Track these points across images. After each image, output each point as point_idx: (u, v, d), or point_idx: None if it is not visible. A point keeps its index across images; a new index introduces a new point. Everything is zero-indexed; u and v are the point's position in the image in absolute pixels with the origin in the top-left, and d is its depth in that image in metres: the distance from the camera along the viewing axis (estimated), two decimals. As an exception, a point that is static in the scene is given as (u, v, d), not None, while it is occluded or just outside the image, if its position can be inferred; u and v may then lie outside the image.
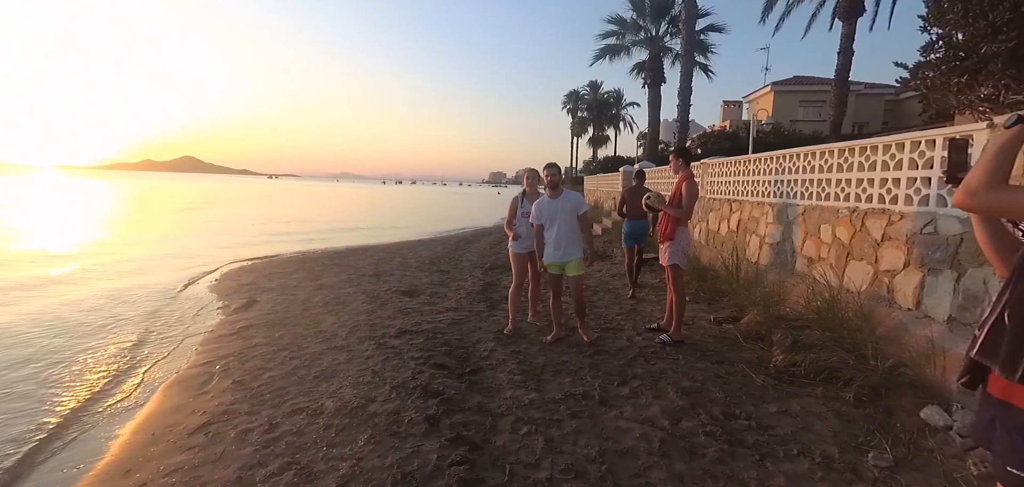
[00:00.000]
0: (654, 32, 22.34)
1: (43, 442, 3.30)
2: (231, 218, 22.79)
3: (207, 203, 33.02)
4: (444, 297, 6.76)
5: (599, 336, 4.87)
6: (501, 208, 4.97)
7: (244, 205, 32.77)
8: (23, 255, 10.85)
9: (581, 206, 4.50)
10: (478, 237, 15.51)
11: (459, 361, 4.18)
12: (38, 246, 12.36)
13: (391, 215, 28.32)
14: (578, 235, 4.48)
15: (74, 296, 7.29)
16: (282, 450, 2.79)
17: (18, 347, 5.08)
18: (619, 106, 44.69)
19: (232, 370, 4.22)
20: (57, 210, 23.54)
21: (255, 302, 6.78)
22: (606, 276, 8.20)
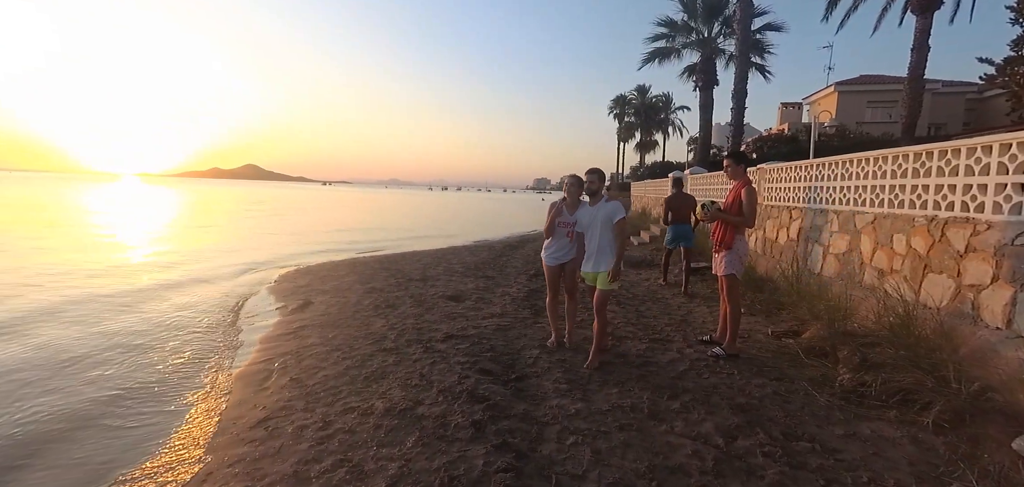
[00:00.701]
0: (706, 33, 21.65)
1: (120, 431, 3.58)
2: (288, 223, 24.04)
3: (267, 209, 35.00)
4: (489, 303, 6.81)
5: (647, 346, 4.74)
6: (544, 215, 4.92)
7: (300, 211, 34.49)
8: (106, 257, 11.92)
9: (616, 214, 4.21)
10: (522, 243, 15.54)
11: (504, 367, 4.19)
12: (121, 249, 13.54)
13: (437, 221, 28.92)
14: (611, 247, 4.16)
15: (149, 294, 7.92)
16: (335, 447, 2.89)
17: (98, 341, 5.57)
18: (668, 110, 43.58)
19: (289, 368, 4.43)
20: (138, 216, 25.69)
21: (310, 303, 7.09)
22: (655, 285, 7.98)
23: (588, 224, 4.25)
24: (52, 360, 4.89)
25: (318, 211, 34.49)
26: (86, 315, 6.55)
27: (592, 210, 4.25)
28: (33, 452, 3.27)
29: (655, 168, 30.32)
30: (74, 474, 3.03)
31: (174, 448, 3.28)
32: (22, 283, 8.25)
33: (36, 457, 3.22)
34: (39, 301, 7.14)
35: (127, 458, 3.20)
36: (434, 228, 23.46)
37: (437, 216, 33.49)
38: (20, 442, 3.38)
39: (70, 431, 3.54)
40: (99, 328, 6.03)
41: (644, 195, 22.02)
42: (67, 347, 5.28)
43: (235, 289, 8.53)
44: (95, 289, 8.08)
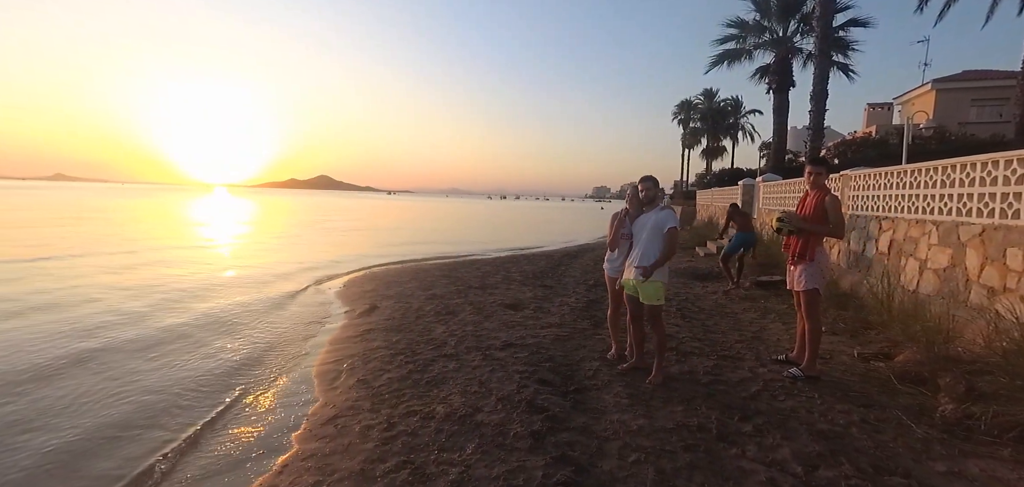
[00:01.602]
0: (781, 32, 20.40)
1: (206, 424, 3.89)
2: (357, 230, 25.34)
3: (339, 217, 37.12)
4: (547, 312, 6.77)
5: (715, 364, 4.49)
6: (604, 224, 4.86)
7: (367, 219, 36.26)
8: (199, 259, 13.17)
9: (666, 222, 3.92)
10: (580, 253, 15.35)
11: (563, 378, 4.13)
12: (208, 252, 14.91)
13: (495, 229, 29.29)
14: (656, 254, 3.87)
15: (234, 294, 8.64)
16: (399, 449, 2.99)
17: (186, 338, 6.14)
18: (737, 114, 41.44)
19: (357, 369, 4.64)
20: (234, 223, 28.17)
21: (376, 308, 7.41)
22: (723, 299, 7.58)
23: (637, 230, 4.08)
24: (156, 341, 5.46)
25: (383, 219, 36.08)
26: (179, 309, 7.27)
27: (643, 218, 4.09)
28: (125, 422, 3.66)
29: (723, 175, 28.88)
30: (157, 436, 3.34)
31: (252, 436, 3.53)
32: (154, 284, 9.30)
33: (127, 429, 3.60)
34: (163, 291, 8.02)
35: (209, 455, 3.48)
36: (492, 236, 23.78)
37: (495, 224, 33.93)
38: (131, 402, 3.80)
39: (159, 403, 3.92)
40: (194, 324, 6.66)
41: (711, 203, 21.04)
42: (168, 329, 5.88)
43: (308, 292, 9.11)
44: (188, 287, 8.96)
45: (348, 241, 19.43)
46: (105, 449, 3.43)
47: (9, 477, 3.08)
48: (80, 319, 6.66)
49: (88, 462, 3.26)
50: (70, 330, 6.14)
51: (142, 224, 23.68)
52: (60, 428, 3.69)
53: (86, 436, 3.59)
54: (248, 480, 2.98)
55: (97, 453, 3.37)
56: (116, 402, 4.16)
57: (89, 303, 7.58)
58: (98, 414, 3.93)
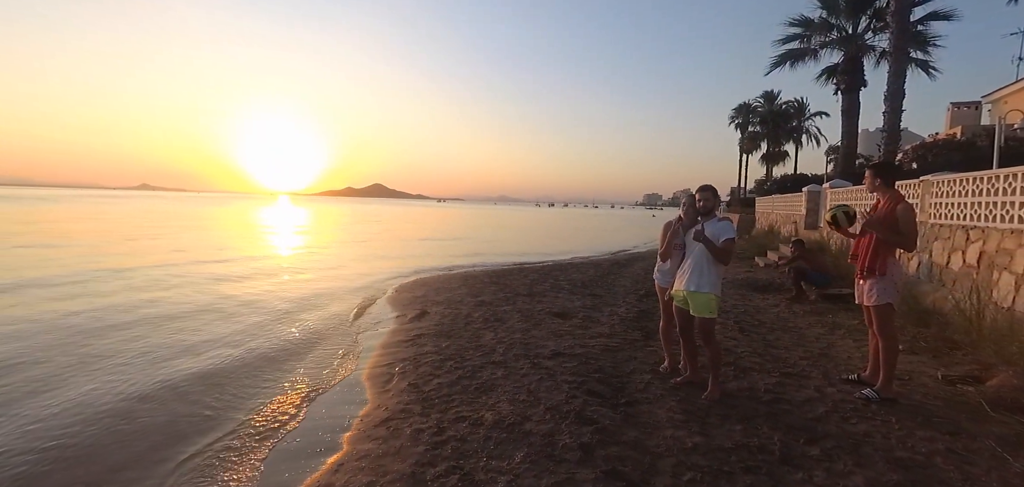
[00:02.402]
0: (850, 29, 19.14)
1: (263, 421, 4.12)
2: (409, 237, 26.09)
3: (393, 224, 38.41)
4: (596, 322, 6.66)
5: (778, 381, 4.23)
6: (655, 232, 4.71)
7: (419, 226, 37.28)
8: (264, 263, 14.02)
9: (723, 233, 3.71)
10: (631, 262, 15.01)
11: (613, 390, 4.04)
12: (273, 256, 15.85)
13: (543, 236, 29.23)
14: (711, 269, 3.71)
15: (292, 297, 9.12)
16: (448, 454, 3.02)
17: (252, 339, 6.53)
18: (801, 117, 39.18)
19: (408, 373, 4.75)
20: (287, 229, 29.87)
21: (426, 313, 7.58)
22: (785, 312, 7.15)
23: (690, 241, 3.89)
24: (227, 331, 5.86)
25: (434, 226, 36.94)
26: (242, 309, 7.76)
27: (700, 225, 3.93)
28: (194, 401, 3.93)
29: (785, 181, 27.32)
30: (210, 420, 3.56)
31: (308, 434, 3.70)
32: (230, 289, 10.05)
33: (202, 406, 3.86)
34: (238, 291, 8.65)
35: (267, 435, 3.67)
36: (540, 244, 23.74)
37: (543, 232, 33.87)
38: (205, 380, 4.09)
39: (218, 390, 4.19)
40: (258, 323, 7.10)
41: (772, 211, 19.96)
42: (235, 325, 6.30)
43: (362, 297, 9.46)
44: (255, 292, 9.56)
45: (400, 247, 20.05)
46: (156, 439, 3.68)
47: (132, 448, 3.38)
48: (184, 317, 7.27)
49: (146, 448, 3.52)
50: (176, 327, 6.73)
51: (235, 232, 25.58)
52: (136, 415, 4.03)
53: (148, 425, 3.89)
54: (305, 475, 3.11)
55: (150, 442, 3.63)
56: (171, 395, 4.49)
57: (191, 303, 8.27)
58: (164, 403, 4.26)
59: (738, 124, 42.86)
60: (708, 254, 3.70)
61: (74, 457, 3.40)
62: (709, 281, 3.72)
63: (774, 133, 39.73)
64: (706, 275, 3.72)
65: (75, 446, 3.54)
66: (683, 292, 3.85)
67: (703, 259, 3.73)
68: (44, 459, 3.35)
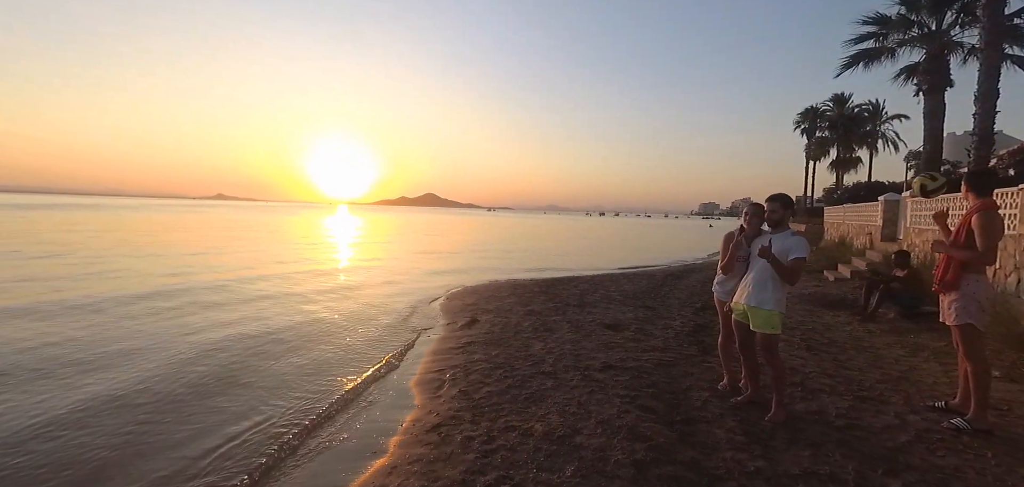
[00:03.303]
0: (933, 26, 17.61)
1: (318, 421, 4.29)
2: (461, 245, 26.57)
3: (445, 233, 39.28)
4: (650, 335, 6.46)
5: (851, 405, 3.91)
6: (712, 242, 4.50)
7: (470, 235, 37.87)
8: (320, 267, 14.74)
9: (793, 250, 3.43)
10: (686, 273, 14.47)
11: (668, 407, 3.89)
12: (340, 264, 16.62)
13: (593, 246, 28.82)
14: (775, 285, 3.47)
15: (350, 304, 9.51)
16: (498, 463, 3.02)
17: (304, 341, 6.85)
18: (877, 121, 36.38)
19: (458, 380, 4.81)
20: (351, 238, 31.27)
21: (476, 321, 7.66)
22: (859, 330, 6.62)
23: (755, 253, 3.66)
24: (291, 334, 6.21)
25: (484, 235, 37.40)
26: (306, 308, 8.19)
27: (764, 239, 3.69)
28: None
29: (858, 190, 25.39)
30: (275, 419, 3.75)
31: (364, 435, 3.82)
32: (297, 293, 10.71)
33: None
34: (296, 291, 9.19)
35: (322, 436, 3.83)
36: (590, 254, 23.42)
37: (593, 241, 33.41)
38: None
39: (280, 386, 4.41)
40: (322, 326, 7.46)
41: (843, 221, 18.62)
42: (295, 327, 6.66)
43: (414, 304, 9.72)
44: (318, 291, 10.08)
45: (451, 255, 20.45)
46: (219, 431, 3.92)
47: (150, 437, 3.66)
48: (257, 318, 7.82)
49: (211, 437, 3.77)
50: (253, 326, 7.25)
51: (310, 242, 27.22)
52: (191, 412, 4.33)
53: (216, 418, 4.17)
54: (359, 476, 3.21)
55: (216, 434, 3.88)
56: (243, 390, 4.79)
57: (260, 304, 8.88)
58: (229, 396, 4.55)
59: (804, 129, 40.42)
60: (772, 269, 3.48)
61: (157, 433, 3.71)
62: (772, 297, 3.50)
63: (845, 138, 37.13)
64: (769, 290, 3.50)
65: (152, 424, 3.87)
66: (743, 305, 3.65)
67: (767, 273, 3.51)
68: (66, 437, 3.68)
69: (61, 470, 3.31)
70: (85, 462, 3.41)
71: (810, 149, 40.00)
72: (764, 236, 3.70)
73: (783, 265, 3.44)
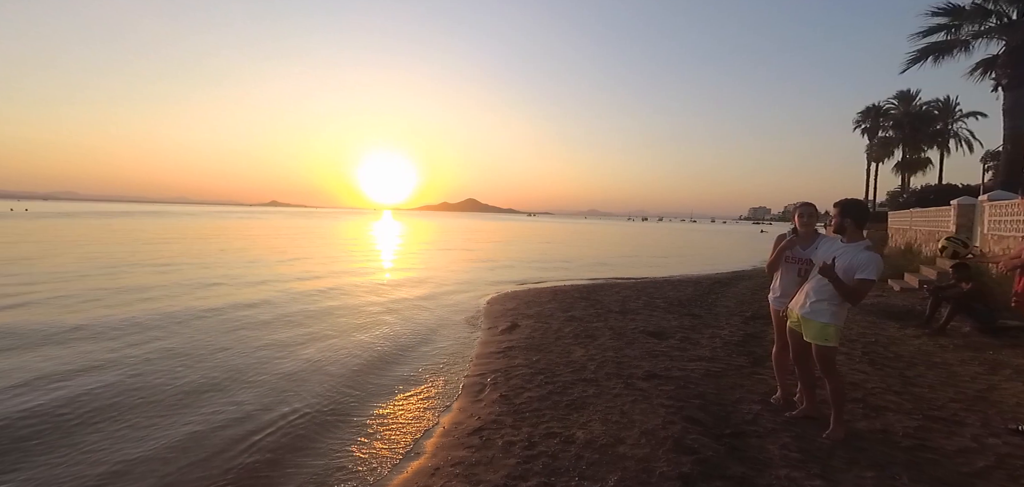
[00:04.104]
0: (1013, 15, 16.18)
1: (363, 420, 4.41)
2: (501, 250, 26.71)
3: (486, 238, 39.62)
4: (696, 344, 6.25)
5: (921, 425, 3.63)
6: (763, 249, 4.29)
7: (510, 240, 38.02)
8: (360, 273, 15.19)
9: (862, 268, 3.12)
10: (735, 280, 13.91)
11: (716, 419, 3.74)
12: (385, 269, 17.10)
13: (635, 252, 28.22)
14: (832, 297, 3.23)
15: (395, 308, 9.75)
16: (539, 469, 3.01)
17: (355, 347, 7.06)
18: (948, 119, 33.76)
19: (499, 385, 4.83)
20: (397, 243, 32.13)
21: (517, 326, 7.66)
22: (929, 345, 6.14)
23: (822, 258, 3.39)
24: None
25: (524, 240, 37.45)
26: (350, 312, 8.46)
27: (826, 246, 3.46)
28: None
29: (927, 193, 23.60)
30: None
31: (406, 435, 3.90)
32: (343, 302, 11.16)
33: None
34: (340, 300, 9.55)
35: (360, 435, 3.93)
36: (632, 259, 22.95)
37: (635, 247, 32.71)
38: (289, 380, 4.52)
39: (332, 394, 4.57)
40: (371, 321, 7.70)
41: (909, 227, 17.37)
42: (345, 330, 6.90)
43: (456, 308, 9.85)
44: (364, 296, 10.40)
45: (492, 260, 20.60)
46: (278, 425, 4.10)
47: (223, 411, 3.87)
48: (307, 318, 8.21)
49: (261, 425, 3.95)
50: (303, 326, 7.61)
51: (362, 247, 28.33)
52: (247, 403, 4.55)
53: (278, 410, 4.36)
54: (403, 475, 3.28)
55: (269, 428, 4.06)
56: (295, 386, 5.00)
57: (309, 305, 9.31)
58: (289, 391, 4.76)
59: (864, 129, 38.06)
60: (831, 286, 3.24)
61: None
62: (829, 310, 3.26)
63: (912, 138, 34.66)
64: (827, 301, 3.27)
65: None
66: (798, 315, 3.45)
67: (825, 284, 3.27)
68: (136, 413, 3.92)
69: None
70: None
71: (872, 150, 37.56)
72: (828, 244, 3.49)
73: (846, 286, 3.17)
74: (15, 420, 4.06)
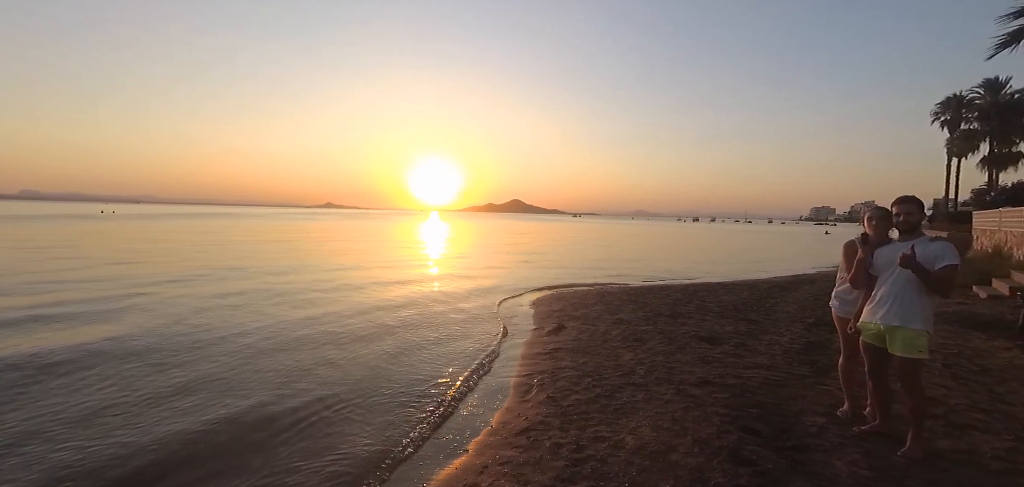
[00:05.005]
0: (1126, -13, 14.30)
1: (412, 418, 4.50)
2: (544, 251, 26.63)
3: (530, 238, 39.66)
4: (753, 351, 5.96)
5: (1013, 446, 3.28)
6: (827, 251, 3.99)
7: (555, 240, 37.81)
8: (411, 274, 15.57)
9: (941, 257, 2.95)
10: (796, 285, 13.14)
11: (776, 430, 3.55)
12: (432, 269, 17.50)
13: (686, 254, 27.29)
14: (921, 299, 3.02)
15: (440, 308, 9.93)
16: (588, 473, 2.97)
17: (410, 348, 7.25)
18: (1043, 108, 30.34)
19: (546, 386, 4.81)
20: (447, 243, 32.81)
21: (563, 328, 7.61)
22: (1021, 358, 5.54)
23: (885, 265, 3.20)
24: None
25: (569, 240, 37.14)
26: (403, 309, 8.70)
27: (890, 248, 3.20)
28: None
29: (1019, 190, 21.33)
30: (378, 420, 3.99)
31: (456, 433, 3.96)
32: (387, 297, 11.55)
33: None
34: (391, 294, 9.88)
35: (412, 434, 4.02)
36: (682, 261, 22.21)
37: (686, 249, 31.64)
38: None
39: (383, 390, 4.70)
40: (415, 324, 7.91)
41: (998, 228, 15.77)
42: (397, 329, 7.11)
43: (501, 308, 9.91)
44: (414, 295, 10.69)
45: (537, 260, 20.57)
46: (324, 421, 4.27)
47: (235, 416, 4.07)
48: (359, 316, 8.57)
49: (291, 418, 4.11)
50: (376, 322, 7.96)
51: (415, 248, 29.30)
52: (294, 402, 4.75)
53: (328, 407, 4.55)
54: (451, 471, 3.33)
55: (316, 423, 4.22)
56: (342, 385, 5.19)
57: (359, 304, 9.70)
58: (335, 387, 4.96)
59: (944, 121, 34.94)
60: (918, 282, 3.02)
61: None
62: (919, 314, 3.02)
63: (1001, 130, 31.42)
64: (915, 306, 3.03)
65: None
66: (877, 325, 3.19)
67: (910, 287, 3.04)
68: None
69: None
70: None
71: (953, 144, 34.39)
72: (897, 242, 3.24)
73: (932, 274, 2.96)
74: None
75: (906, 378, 3.11)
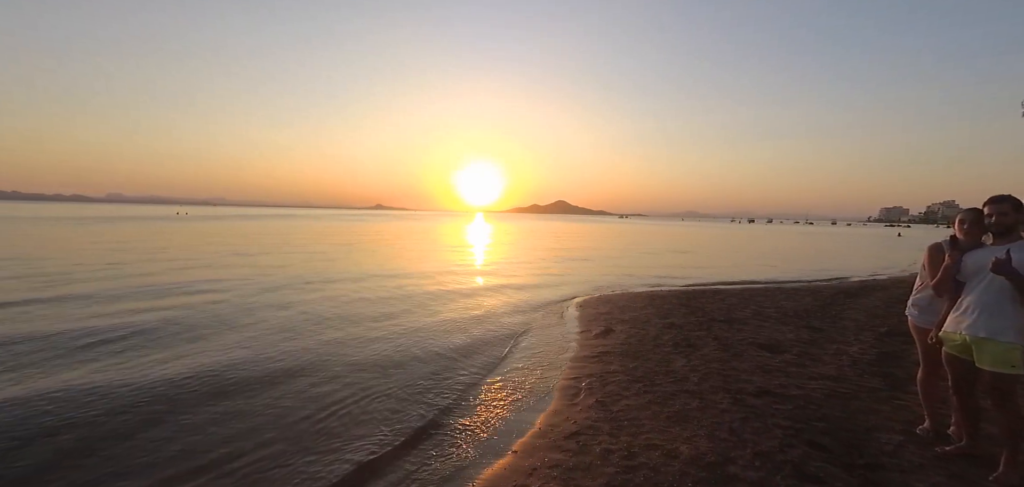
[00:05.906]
0: None
1: (460, 420, 4.55)
2: (591, 252, 26.27)
3: (575, 240, 39.26)
4: (817, 360, 5.61)
5: None
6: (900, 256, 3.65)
7: (602, 242, 37.23)
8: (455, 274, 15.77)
9: None
10: (865, 291, 12.24)
11: (845, 447, 3.31)
12: (480, 268, 17.70)
13: (742, 257, 26.06)
14: (1015, 309, 2.75)
15: (491, 308, 10.00)
16: (640, 481, 2.89)
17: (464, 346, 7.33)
18: None
19: (595, 390, 4.73)
20: (492, 244, 33.13)
21: (611, 331, 7.46)
22: None
23: (974, 271, 2.92)
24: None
25: (616, 242, 36.44)
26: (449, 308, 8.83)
27: (987, 253, 2.90)
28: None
29: None
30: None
31: (504, 434, 3.96)
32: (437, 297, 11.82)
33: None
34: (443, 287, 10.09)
35: (460, 434, 4.05)
36: (737, 265, 21.23)
37: (741, 251, 30.23)
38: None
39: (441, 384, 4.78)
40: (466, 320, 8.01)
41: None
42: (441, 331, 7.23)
43: (548, 307, 9.85)
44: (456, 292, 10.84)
45: (583, 261, 20.33)
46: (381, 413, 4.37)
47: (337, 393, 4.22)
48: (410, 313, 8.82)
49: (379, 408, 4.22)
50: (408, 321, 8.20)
51: (466, 249, 29.96)
52: (342, 390, 4.90)
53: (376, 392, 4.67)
54: (497, 472, 3.34)
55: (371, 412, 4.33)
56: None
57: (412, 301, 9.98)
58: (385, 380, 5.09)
59: (1039, 112, 31.40)
60: (1012, 290, 2.74)
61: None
62: (1012, 326, 2.75)
63: (1110, 120, 27.90)
64: (1008, 317, 2.76)
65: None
66: (963, 337, 2.93)
67: (1003, 296, 2.77)
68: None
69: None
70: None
71: (1050, 136, 30.84)
72: (990, 246, 2.94)
73: None
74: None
75: (998, 395, 2.81)
